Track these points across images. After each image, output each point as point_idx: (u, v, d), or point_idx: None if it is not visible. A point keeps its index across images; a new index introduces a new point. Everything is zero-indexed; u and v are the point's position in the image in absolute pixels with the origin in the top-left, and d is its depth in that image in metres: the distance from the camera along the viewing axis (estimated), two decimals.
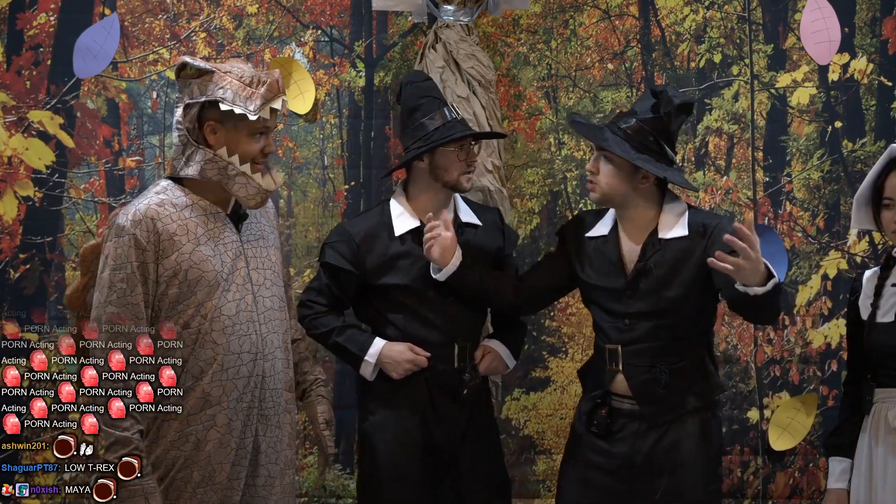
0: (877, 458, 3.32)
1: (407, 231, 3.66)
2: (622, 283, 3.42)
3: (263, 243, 3.27)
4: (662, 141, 3.38)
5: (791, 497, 4.64)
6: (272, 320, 3.22)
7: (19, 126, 4.52)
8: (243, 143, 3.15)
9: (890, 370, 3.33)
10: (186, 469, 3.10)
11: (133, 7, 4.61)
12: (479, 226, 3.75)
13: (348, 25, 4.70)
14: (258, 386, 3.17)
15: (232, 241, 3.19)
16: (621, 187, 3.39)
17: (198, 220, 3.15)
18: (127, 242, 3.08)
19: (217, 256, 3.14)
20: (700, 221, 3.40)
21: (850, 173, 4.69)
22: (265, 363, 3.18)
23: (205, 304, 3.10)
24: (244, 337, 3.14)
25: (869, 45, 4.70)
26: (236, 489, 3.16)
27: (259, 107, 3.12)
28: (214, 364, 3.10)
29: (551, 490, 4.61)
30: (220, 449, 3.12)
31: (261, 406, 3.18)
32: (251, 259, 3.21)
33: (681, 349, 3.39)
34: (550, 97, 4.72)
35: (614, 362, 3.42)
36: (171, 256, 3.09)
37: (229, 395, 3.11)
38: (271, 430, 3.21)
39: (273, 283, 3.25)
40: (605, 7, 4.71)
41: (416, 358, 3.61)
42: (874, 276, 3.43)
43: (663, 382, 3.36)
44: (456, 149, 3.63)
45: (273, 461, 3.21)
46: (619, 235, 3.46)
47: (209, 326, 3.10)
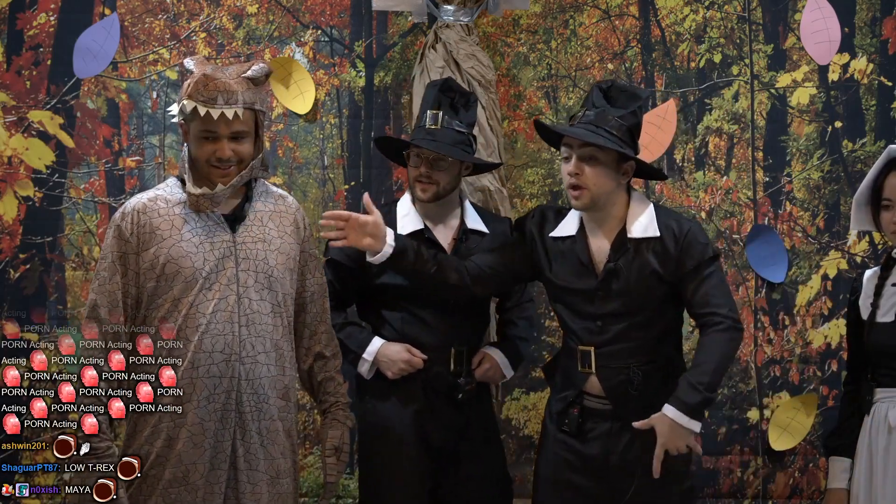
0: (877, 458, 3.31)
1: (409, 233, 3.65)
2: (593, 284, 3.38)
3: (263, 246, 3.24)
4: (636, 135, 3.37)
5: (791, 497, 4.64)
6: (257, 324, 3.18)
7: (19, 126, 4.53)
8: (195, 145, 3.19)
9: (890, 370, 3.33)
10: (158, 466, 3.11)
11: (133, 7, 4.61)
12: (486, 234, 3.74)
13: (348, 25, 4.70)
14: (234, 388, 3.14)
15: (223, 241, 3.18)
16: (608, 186, 3.34)
17: (187, 217, 3.18)
18: (113, 233, 3.17)
19: (200, 254, 3.14)
20: (669, 223, 3.37)
21: (850, 173, 4.69)
22: (241, 366, 3.15)
23: (181, 300, 3.12)
24: (218, 336, 3.13)
25: (869, 45, 4.70)
26: (216, 493, 3.13)
27: (183, 107, 3.16)
28: (185, 361, 3.10)
29: None
30: (192, 449, 3.11)
31: (238, 410, 3.15)
32: (242, 260, 3.19)
33: (653, 349, 3.37)
34: (550, 97, 4.72)
35: (587, 364, 3.39)
36: (150, 249, 3.14)
37: (199, 394, 3.11)
38: (250, 435, 3.16)
39: (266, 286, 3.21)
40: (605, 7, 4.71)
41: (412, 359, 3.61)
42: (874, 275, 3.43)
43: (636, 383, 3.35)
44: (413, 156, 3.65)
45: (253, 468, 3.17)
46: (587, 235, 3.42)
47: (184, 323, 3.11)
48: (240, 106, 3.15)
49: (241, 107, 3.15)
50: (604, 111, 3.31)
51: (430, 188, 3.64)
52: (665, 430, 3.22)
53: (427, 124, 3.64)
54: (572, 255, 3.42)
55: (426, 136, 3.62)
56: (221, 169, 3.17)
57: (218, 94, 3.13)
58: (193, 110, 3.13)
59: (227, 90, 3.14)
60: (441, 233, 3.72)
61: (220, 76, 3.16)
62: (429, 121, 3.64)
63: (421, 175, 3.64)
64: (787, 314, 4.66)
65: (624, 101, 3.34)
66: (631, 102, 3.35)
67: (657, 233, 3.35)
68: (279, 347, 3.23)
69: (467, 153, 3.67)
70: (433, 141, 3.61)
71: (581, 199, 3.33)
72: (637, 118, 3.35)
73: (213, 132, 3.15)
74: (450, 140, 3.62)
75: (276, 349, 3.22)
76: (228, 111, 3.13)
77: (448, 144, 3.61)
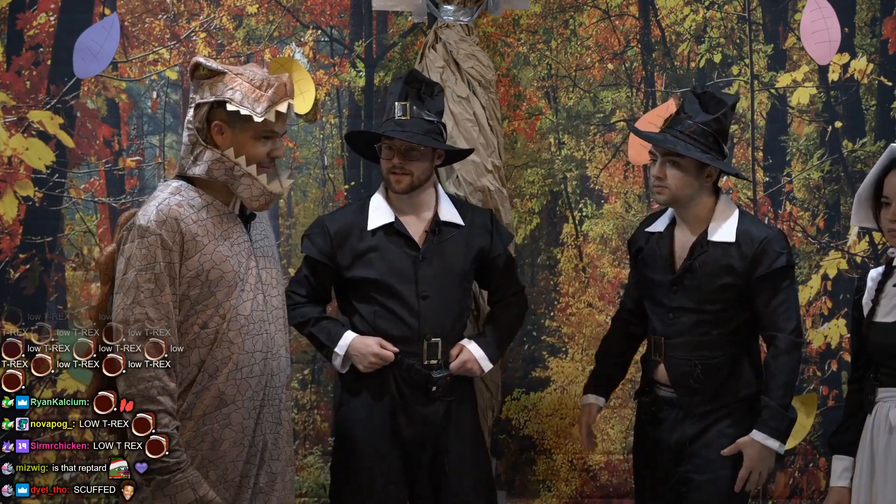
0: (878, 457, 3.31)
1: (380, 226, 3.72)
2: (670, 278, 3.59)
3: (268, 242, 3.31)
4: (721, 140, 3.55)
5: (791, 497, 4.64)
6: (278, 319, 3.26)
7: (19, 126, 4.52)
8: (249, 145, 3.17)
9: (891, 370, 3.33)
10: (202, 469, 3.11)
11: (133, 7, 4.61)
12: (461, 226, 3.77)
13: (348, 25, 4.70)
14: (267, 384, 3.20)
15: (244, 241, 3.21)
16: (689, 189, 3.55)
17: (214, 221, 3.17)
18: (153, 242, 3.07)
19: (234, 256, 3.17)
20: (748, 230, 3.55)
21: (850, 173, 4.69)
22: (273, 362, 3.22)
23: (223, 305, 3.13)
24: (257, 336, 3.17)
25: (869, 45, 4.70)
26: (246, 487, 3.17)
27: (265, 109, 3.13)
28: (230, 363, 3.12)
29: (551, 490, 4.62)
30: (234, 448, 3.14)
31: (269, 405, 3.21)
32: (260, 259, 3.24)
33: (719, 346, 3.56)
34: (550, 97, 4.72)
35: (658, 353, 3.63)
36: (193, 257, 3.11)
37: (243, 395, 3.14)
38: (274, 427, 3.24)
39: (279, 282, 3.29)
40: (605, 7, 4.71)
41: (382, 352, 3.65)
42: (879, 275, 3.44)
43: (695, 375, 3.55)
44: (386, 148, 3.70)
45: (276, 458, 3.24)
46: (674, 232, 3.64)
47: (227, 326, 3.13)
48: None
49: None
50: (691, 117, 3.53)
51: (404, 179, 3.70)
52: (753, 455, 3.47)
53: (396, 116, 3.70)
54: (657, 249, 3.65)
55: (396, 128, 3.67)
56: (267, 167, 3.22)
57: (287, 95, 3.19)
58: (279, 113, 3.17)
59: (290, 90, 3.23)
60: (413, 225, 3.76)
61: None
62: (398, 112, 3.70)
63: (394, 166, 3.69)
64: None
65: (712, 107, 3.55)
66: (717, 109, 3.54)
67: (733, 238, 3.54)
68: (287, 340, 3.32)
69: (438, 141, 3.74)
70: (404, 131, 3.67)
71: (662, 195, 3.56)
72: (721, 124, 3.55)
73: (275, 132, 3.19)
74: (420, 130, 3.68)
75: (286, 342, 3.31)
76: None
77: (419, 134, 3.67)
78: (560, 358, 4.68)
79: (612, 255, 4.70)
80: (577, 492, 4.64)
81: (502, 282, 3.90)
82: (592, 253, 4.71)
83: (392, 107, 3.72)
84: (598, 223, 4.71)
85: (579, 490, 4.64)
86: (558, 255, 4.71)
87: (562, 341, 4.68)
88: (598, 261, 4.70)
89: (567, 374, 4.66)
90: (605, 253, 4.71)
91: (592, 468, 4.65)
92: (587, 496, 4.64)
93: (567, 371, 4.66)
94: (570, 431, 4.62)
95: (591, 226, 4.71)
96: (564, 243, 4.72)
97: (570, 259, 4.71)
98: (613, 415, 4.64)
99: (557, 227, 4.72)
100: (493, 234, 3.84)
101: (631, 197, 4.71)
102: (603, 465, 4.64)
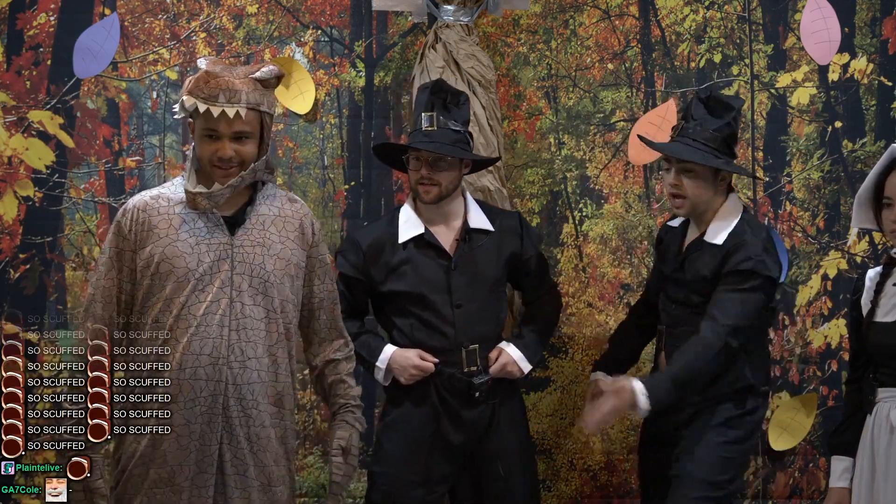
0: (879, 458, 3.31)
1: (410, 238, 3.72)
2: (672, 270, 3.69)
3: (261, 251, 3.20)
4: (731, 143, 3.62)
5: (791, 497, 4.63)
6: (249, 329, 3.16)
7: (19, 126, 4.52)
8: (198, 143, 3.19)
9: (891, 370, 3.33)
10: (142, 465, 3.11)
11: (133, 7, 4.61)
12: (491, 231, 3.78)
13: (348, 25, 4.70)
14: (221, 393, 3.13)
15: (220, 243, 3.17)
16: (707, 195, 3.60)
17: (186, 217, 3.17)
18: (113, 229, 3.19)
19: (195, 254, 3.13)
20: (737, 233, 3.57)
21: (850, 173, 4.69)
22: (229, 370, 3.13)
23: (173, 300, 3.12)
24: (207, 339, 3.12)
25: (869, 45, 4.70)
26: (203, 496, 3.12)
27: (181, 103, 3.15)
28: (174, 362, 3.11)
29: (551, 490, 4.62)
30: (177, 450, 3.10)
31: (225, 415, 3.13)
32: (238, 264, 3.17)
33: None
34: (550, 97, 4.72)
35: (661, 342, 3.72)
36: (146, 247, 3.14)
37: (185, 395, 3.11)
38: (238, 441, 3.14)
39: (260, 292, 3.18)
40: (605, 7, 4.71)
41: (422, 364, 3.67)
42: (877, 275, 3.43)
43: None
44: (413, 159, 3.70)
45: (241, 473, 3.15)
46: (687, 228, 3.72)
47: (174, 323, 3.11)
48: (243, 105, 3.12)
49: (244, 106, 3.12)
50: (701, 124, 3.56)
51: (432, 189, 3.69)
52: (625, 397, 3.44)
53: (423, 127, 3.69)
54: (671, 243, 3.75)
55: (424, 139, 3.67)
56: (223, 169, 3.16)
57: (220, 92, 3.11)
58: (194, 107, 3.12)
59: (229, 88, 3.12)
60: (443, 234, 3.76)
61: (225, 74, 3.14)
62: (424, 123, 3.69)
63: (422, 178, 3.68)
64: (787, 314, 4.66)
65: (720, 111, 3.58)
66: (726, 113, 3.58)
67: (721, 241, 3.57)
68: (272, 354, 3.21)
69: (466, 151, 3.73)
70: (431, 142, 3.66)
71: (683, 208, 3.63)
72: (732, 128, 3.61)
73: (214, 130, 3.14)
74: (447, 140, 3.67)
75: (268, 355, 3.19)
76: (230, 110, 3.11)
77: (446, 144, 3.67)
78: (560, 358, 4.67)
79: (612, 255, 4.70)
80: (577, 492, 4.64)
81: (535, 282, 3.93)
82: (592, 253, 4.71)
83: (419, 118, 3.71)
84: (598, 223, 4.71)
85: (579, 490, 4.64)
86: (558, 255, 4.71)
87: (562, 341, 4.68)
88: (598, 261, 4.70)
89: (567, 374, 4.66)
90: (605, 253, 4.71)
91: (592, 468, 4.65)
92: (587, 496, 4.64)
93: (567, 371, 4.66)
94: (570, 431, 4.62)
95: (591, 226, 4.71)
96: (564, 243, 4.72)
97: (570, 259, 4.71)
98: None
99: (557, 227, 4.71)
100: (524, 237, 3.86)
101: (631, 197, 4.71)
102: (603, 465, 4.64)
